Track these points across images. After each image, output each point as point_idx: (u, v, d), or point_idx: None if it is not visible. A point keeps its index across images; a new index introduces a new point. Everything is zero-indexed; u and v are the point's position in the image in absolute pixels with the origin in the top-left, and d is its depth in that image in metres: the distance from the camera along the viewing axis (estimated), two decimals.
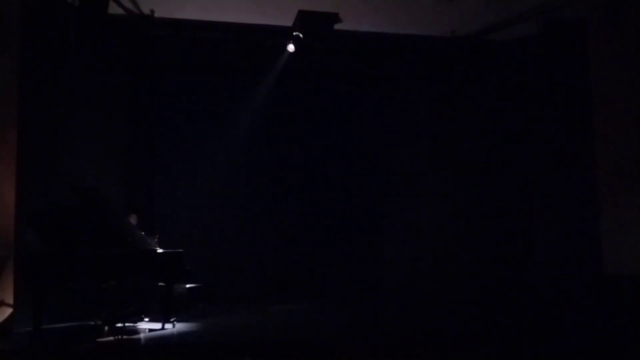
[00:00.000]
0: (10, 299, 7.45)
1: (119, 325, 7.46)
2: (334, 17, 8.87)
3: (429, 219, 10.37)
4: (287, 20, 9.06)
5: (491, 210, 10.15)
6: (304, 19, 8.85)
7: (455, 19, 9.35)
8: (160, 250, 7.74)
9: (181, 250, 7.94)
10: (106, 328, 7.43)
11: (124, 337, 7.05)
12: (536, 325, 7.85)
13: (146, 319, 7.87)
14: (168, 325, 7.54)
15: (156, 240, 7.95)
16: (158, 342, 6.99)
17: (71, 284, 7.50)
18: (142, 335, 7.27)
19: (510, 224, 10.09)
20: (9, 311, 7.42)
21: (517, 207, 10.13)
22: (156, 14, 8.98)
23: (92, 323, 7.62)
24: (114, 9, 8.46)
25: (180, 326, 7.64)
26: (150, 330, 7.50)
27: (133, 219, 8.21)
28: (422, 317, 8.64)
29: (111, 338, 7.03)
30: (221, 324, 8.03)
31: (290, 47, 9.37)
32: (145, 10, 8.87)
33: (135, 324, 7.70)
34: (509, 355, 6.51)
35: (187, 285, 8.12)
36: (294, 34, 9.18)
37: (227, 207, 10.32)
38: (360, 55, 10.18)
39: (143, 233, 7.79)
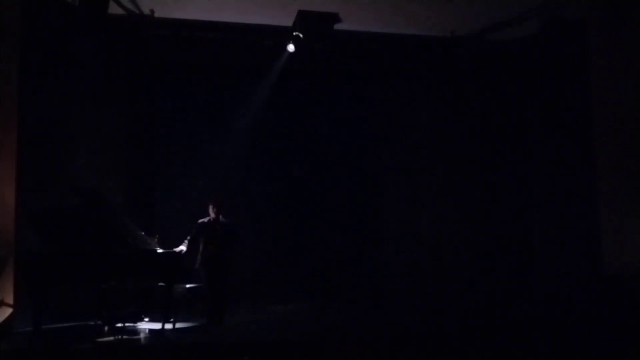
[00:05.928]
0: (10, 299, 7.43)
1: (119, 325, 7.46)
2: (334, 17, 8.87)
3: (428, 219, 10.37)
4: (287, 20, 9.05)
5: (491, 210, 10.15)
6: (304, 19, 8.84)
7: (455, 19, 9.35)
8: (160, 251, 7.73)
9: (181, 250, 7.93)
10: (106, 328, 7.43)
11: (124, 337, 7.05)
12: (536, 325, 7.84)
13: (146, 319, 7.88)
14: (168, 325, 7.51)
15: (156, 240, 7.94)
16: (158, 342, 7.00)
17: (71, 284, 7.51)
18: (142, 335, 7.28)
19: (510, 223, 10.09)
20: (9, 311, 7.41)
21: (517, 207, 10.12)
22: (156, 14, 8.98)
23: (92, 323, 7.62)
24: (114, 9, 8.46)
25: (180, 326, 7.63)
26: (150, 330, 7.51)
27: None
28: (422, 317, 8.63)
29: (111, 338, 7.03)
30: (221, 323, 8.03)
31: (290, 47, 9.37)
32: (145, 10, 8.87)
33: (135, 324, 7.70)
34: (509, 355, 6.50)
35: (187, 285, 8.13)
36: (294, 34, 9.18)
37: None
38: (360, 55, 10.16)
39: (143, 233, 7.78)
